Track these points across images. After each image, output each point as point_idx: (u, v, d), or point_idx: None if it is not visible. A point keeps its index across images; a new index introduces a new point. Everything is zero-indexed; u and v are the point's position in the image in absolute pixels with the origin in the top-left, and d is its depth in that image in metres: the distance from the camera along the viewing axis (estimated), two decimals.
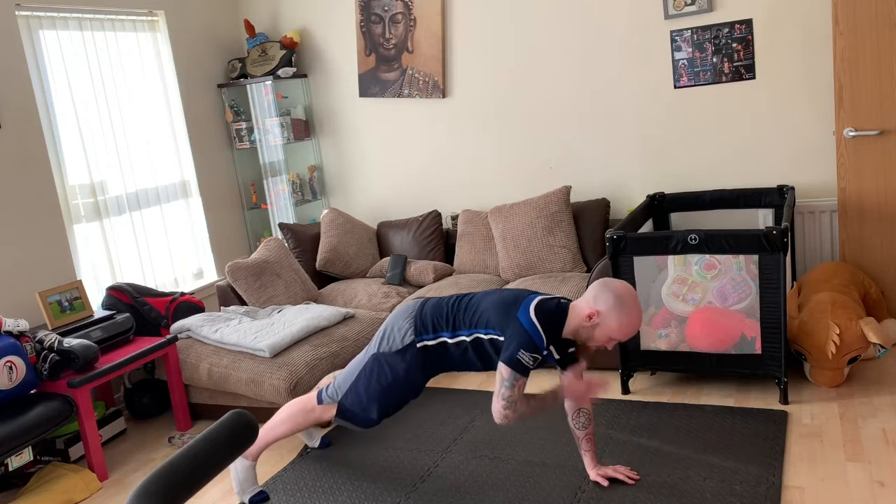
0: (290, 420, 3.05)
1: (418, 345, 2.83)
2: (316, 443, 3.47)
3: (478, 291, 2.91)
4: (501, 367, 2.61)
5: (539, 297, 2.70)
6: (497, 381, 2.63)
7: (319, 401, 3.02)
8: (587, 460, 2.92)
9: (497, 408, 2.63)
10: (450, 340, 2.80)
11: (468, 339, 2.77)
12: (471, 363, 2.83)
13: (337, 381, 3.03)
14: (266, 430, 3.07)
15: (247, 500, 3.03)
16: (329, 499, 3.03)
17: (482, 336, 2.74)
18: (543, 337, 2.60)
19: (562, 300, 2.74)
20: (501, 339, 2.68)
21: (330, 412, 3.00)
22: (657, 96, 4.48)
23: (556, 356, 2.72)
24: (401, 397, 2.93)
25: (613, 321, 2.61)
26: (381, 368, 2.88)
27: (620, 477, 2.87)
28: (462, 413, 3.66)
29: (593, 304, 2.63)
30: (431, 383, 4.10)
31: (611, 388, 3.76)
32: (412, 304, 2.94)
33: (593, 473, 2.89)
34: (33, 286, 3.94)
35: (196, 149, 5.04)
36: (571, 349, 2.77)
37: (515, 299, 2.71)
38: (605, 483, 2.85)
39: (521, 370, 2.58)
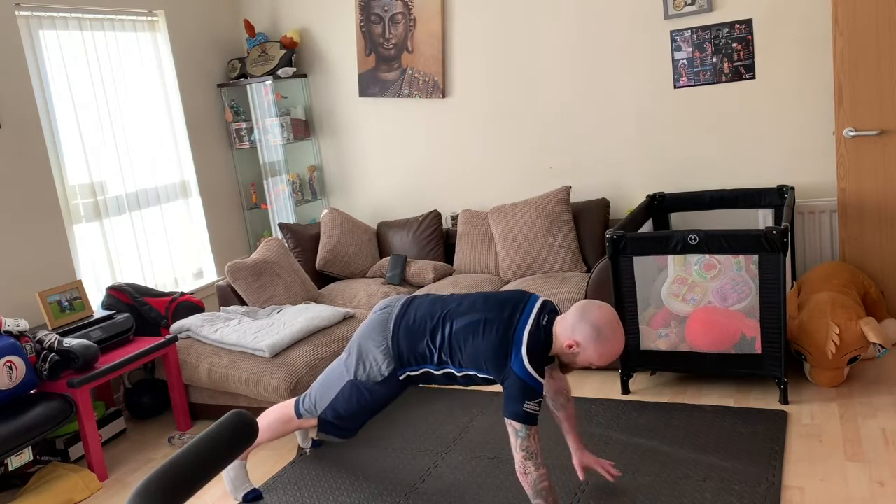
0: (269, 429, 3.03)
1: (401, 376, 2.78)
2: (308, 443, 3.48)
3: (451, 304, 2.74)
4: (512, 422, 2.53)
5: (527, 334, 2.55)
6: (511, 436, 2.55)
7: (298, 414, 2.99)
8: (571, 443, 2.88)
9: (518, 460, 2.55)
10: (435, 372, 2.74)
11: (458, 374, 2.70)
12: (456, 384, 2.78)
13: (312, 395, 2.97)
14: None
15: (240, 499, 3.04)
16: (329, 499, 3.03)
17: (474, 374, 2.67)
18: (541, 382, 2.54)
19: (545, 322, 2.60)
20: (493, 378, 2.63)
21: (310, 423, 2.99)
22: (657, 96, 4.48)
23: (541, 379, 2.62)
24: (381, 409, 2.91)
25: (592, 351, 2.54)
26: (361, 393, 2.83)
27: (599, 470, 2.84)
28: (462, 413, 3.66)
29: (571, 334, 2.54)
30: None
31: (610, 390, 3.76)
32: (380, 327, 2.79)
33: (576, 459, 2.87)
34: (33, 286, 3.94)
35: (196, 149, 5.04)
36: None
37: (504, 342, 2.55)
38: (582, 476, 2.84)
39: (532, 421, 2.52)
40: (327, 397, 2.91)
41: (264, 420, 3.06)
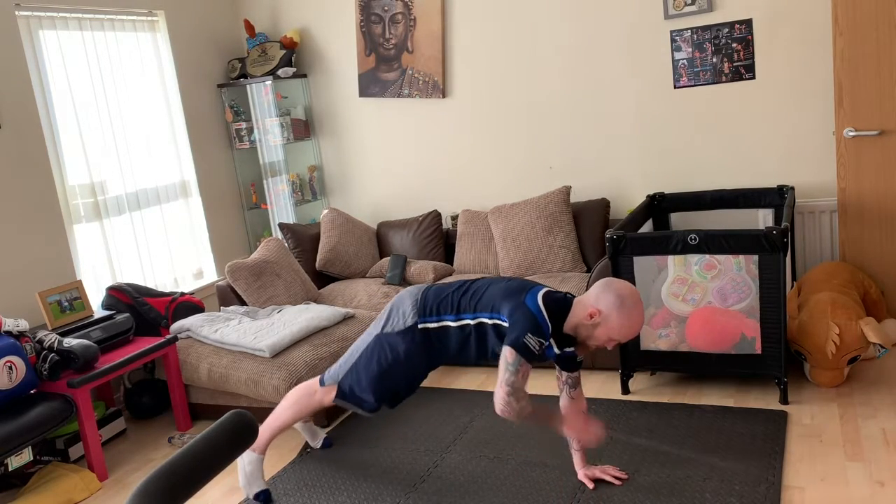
0: (295, 405, 3.07)
1: (420, 326, 2.82)
2: (318, 443, 3.48)
3: (483, 278, 2.89)
4: (506, 350, 2.56)
5: (547, 288, 2.72)
6: (501, 367, 2.57)
7: (322, 382, 3.05)
8: (576, 459, 2.93)
9: (500, 395, 2.56)
10: (452, 324, 2.79)
11: (472, 322, 2.75)
12: (469, 350, 2.80)
13: (339, 362, 3.05)
14: (272, 420, 3.09)
15: (251, 496, 3.03)
16: (329, 499, 3.03)
17: (486, 321, 2.72)
18: (549, 324, 2.59)
19: (567, 295, 2.74)
20: (506, 324, 2.65)
21: (331, 394, 3.02)
22: (657, 96, 4.48)
23: (556, 350, 2.70)
24: (399, 382, 2.91)
25: (614, 321, 2.59)
26: (382, 349, 2.89)
27: (607, 478, 2.86)
28: (462, 413, 3.66)
29: (595, 302, 2.62)
30: (431, 383, 4.10)
31: (610, 390, 3.76)
32: (416, 288, 2.95)
33: (581, 473, 2.90)
34: (33, 286, 3.94)
35: (196, 149, 5.05)
36: (571, 348, 2.76)
37: (523, 287, 2.71)
38: (591, 485, 2.85)
39: (527, 354, 2.54)
40: (351, 360, 2.98)
41: (289, 399, 3.09)
